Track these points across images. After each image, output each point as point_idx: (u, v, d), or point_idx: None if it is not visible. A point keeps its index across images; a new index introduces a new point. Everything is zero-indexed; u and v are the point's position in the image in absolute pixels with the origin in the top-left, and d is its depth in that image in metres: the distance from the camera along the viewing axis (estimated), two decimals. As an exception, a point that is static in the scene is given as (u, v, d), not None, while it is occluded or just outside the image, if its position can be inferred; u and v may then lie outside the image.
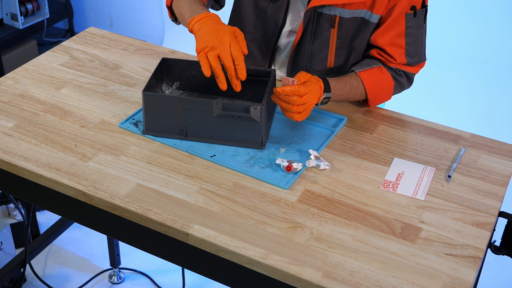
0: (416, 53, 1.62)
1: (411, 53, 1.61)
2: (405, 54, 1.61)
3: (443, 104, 3.34)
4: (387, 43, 1.59)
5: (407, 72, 1.65)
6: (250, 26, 1.72)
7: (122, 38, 2.00)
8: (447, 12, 3.14)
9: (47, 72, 1.81)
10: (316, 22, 1.61)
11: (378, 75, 1.62)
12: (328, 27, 1.61)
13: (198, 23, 1.50)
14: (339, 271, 1.20)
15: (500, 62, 3.19)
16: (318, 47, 1.65)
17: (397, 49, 1.60)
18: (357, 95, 1.62)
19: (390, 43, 1.59)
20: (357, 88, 1.60)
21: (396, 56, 1.60)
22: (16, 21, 3.48)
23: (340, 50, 1.65)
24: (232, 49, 1.42)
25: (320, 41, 1.64)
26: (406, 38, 1.59)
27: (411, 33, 1.59)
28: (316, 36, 1.63)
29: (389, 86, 1.63)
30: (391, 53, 1.60)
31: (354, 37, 1.63)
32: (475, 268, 1.22)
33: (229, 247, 1.24)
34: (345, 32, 1.61)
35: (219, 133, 1.50)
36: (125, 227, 1.38)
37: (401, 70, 1.64)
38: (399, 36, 1.58)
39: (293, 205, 1.36)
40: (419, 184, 1.43)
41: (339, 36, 1.62)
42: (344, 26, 1.60)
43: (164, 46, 2.16)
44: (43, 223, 2.71)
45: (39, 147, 1.49)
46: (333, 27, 1.59)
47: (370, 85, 1.61)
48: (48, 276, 2.48)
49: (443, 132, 1.62)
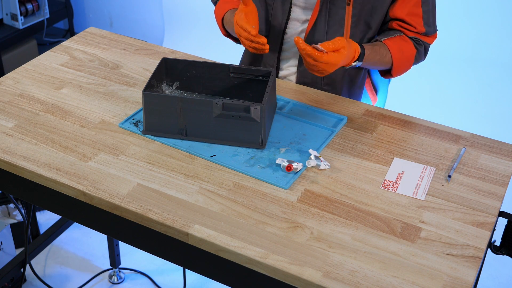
0: (432, 23, 1.70)
1: (428, 22, 1.68)
2: (423, 23, 1.67)
3: (443, 104, 3.34)
4: (406, 12, 1.65)
5: (425, 42, 1.71)
6: (262, 24, 1.74)
7: (122, 38, 2.00)
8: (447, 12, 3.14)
9: (47, 72, 1.81)
10: (330, 2, 1.65)
11: (401, 43, 1.69)
12: (343, 5, 1.64)
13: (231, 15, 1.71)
14: (339, 271, 1.20)
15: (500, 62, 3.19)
16: (334, 28, 1.68)
17: (416, 18, 1.67)
18: (383, 63, 1.69)
19: (409, 12, 1.65)
20: (385, 57, 1.67)
21: (416, 24, 1.67)
22: (16, 21, 3.48)
23: (355, 29, 1.68)
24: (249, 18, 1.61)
25: (335, 21, 1.67)
26: (423, 6, 1.66)
27: (426, 1, 1.66)
28: (332, 16, 1.66)
29: (411, 53, 1.70)
30: (411, 22, 1.66)
31: (370, 14, 1.67)
32: (475, 268, 1.22)
33: (229, 247, 1.25)
34: (360, 9, 1.65)
35: (219, 133, 1.50)
36: (125, 227, 1.38)
37: (420, 39, 1.70)
38: (417, 5, 1.65)
39: (293, 205, 1.36)
40: (419, 184, 1.43)
41: (354, 14, 1.66)
42: (359, 2, 1.64)
43: (164, 46, 2.16)
44: (43, 223, 2.71)
45: (39, 147, 1.49)
46: (348, 5, 1.60)
47: (396, 52, 1.67)
48: (48, 276, 2.48)
49: (443, 132, 1.62)
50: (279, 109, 1.65)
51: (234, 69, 1.62)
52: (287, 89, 1.74)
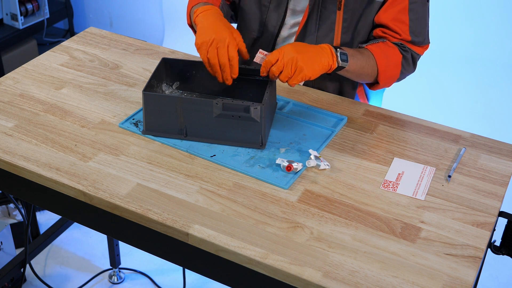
0: (420, 32, 1.63)
1: (415, 31, 1.62)
2: (409, 31, 1.61)
3: (443, 104, 3.34)
4: (391, 18, 1.60)
5: (412, 50, 1.65)
6: (255, 24, 1.73)
7: (122, 38, 2.00)
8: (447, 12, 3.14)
9: (47, 72, 1.81)
10: (322, 5, 1.62)
11: (385, 48, 1.62)
12: (334, 9, 1.61)
13: (202, 15, 1.55)
14: (339, 271, 1.20)
15: (500, 62, 3.19)
16: (324, 32, 1.65)
17: (401, 25, 1.61)
18: (369, 68, 1.60)
19: (394, 18, 1.60)
20: (369, 59, 1.59)
21: (401, 31, 1.61)
22: (16, 21, 3.48)
23: (345, 35, 1.65)
24: (230, 48, 1.48)
25: (326, 25, 1.64)
26: (410, 14, 1.60)
27: (414, 9, 1.60)
28: (322, 20, 1.64)
29: (397, 59, 1.62)
30: (395, 29, 1.61)
31: (359, 20, 1.63)
32: (475, 268, 1.22)
33: (229, 247, 1.25)
34: (351, 15, 1.62)
35: (219, 133, 1.50)
36: (125, 227, 1.38)
37: (406, 46, 1.64)
38: (403, 11, 1.59)
39: (293, 205, 1.36)
40: (419, 184, 1.43)
41: (344, 19, 1.62)
42: (350, 8, 1.61)
43: (164, 46, 2.16)
44: (43, 223, 2.71)
45: (39, 147, 1.49)
46: (339, 9, 1.58)
47: (380, 57, 1.60)
48: (48, 276, 2.48)
49: (443, 132, 1.62)
50: (279, 109, 1.65)
51: (234, 69, 1.62)
52: (287, 89, 1.74)
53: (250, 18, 1.73)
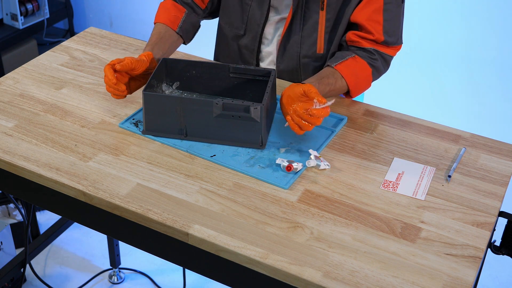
0: (393, 33, 1.66)
1: (389, 31, 1.64)
2: (383, 31, 1.63)
3: (443, 104, 3.34)
4: (366, 18, 1.62)
5: (384, 54, 1.67)
6: (238, 22, 1.74)
7: (122, 38, 2.00)
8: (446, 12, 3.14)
9: (47, 72, 1.81)
10: (305, 6, 1.65)
11: (354, 65, 1.64)
12: (317, 9, 1.64)
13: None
14: (339, 271, 1.20)
15: (500, 62, 3.19)
16: (308, 31, 1.67)
17: (375, 25, 1.63)
18: (337, 91, 1.63)
19: (369, 18, 1.62)
20: (336, 84, 1.61)
21: (375, 31, 1.63)
22: (16, 21, 3.48)
23: (328, 35, 1.68)
24: None
25: (309, 25, 1.66)
26: (384, 14, 1.62)
27: (389, 10, 1.62)
28: (306, 20, 1.66)
29: (367, 73, 1.66)
30: (369, 28, 1.63)
31: (339, 20, 1.65)
32: (475, 268, 1.22)
33: (229, 247, 1.25)
34: (333, 15, 1.64)
35: (219, 133, 1.50)
36: (125, 227, 1.38)
37: (377, 51, 1.65)
38: (377, 11, 1.62)
39: (293, 205, 1.36)
40: (419, 184, 1.43)
41: (327, 19, 1.65)
42: (333, 8, 1.63)
43: (164, 46, 2.15)
44: (43, 223, 2.71)
45: (39, 147, 1.49)
46: (322, 9, 1.60)
47: (349, 76, 1.62)
48: (48, 276, 2.48)
49: (443, 132, 1.62)
50: (279, 109, 1.65)
51: (234, 69, 1.62)
52: (287, 89, 1.74)
53: (233, 15, 1.76)
